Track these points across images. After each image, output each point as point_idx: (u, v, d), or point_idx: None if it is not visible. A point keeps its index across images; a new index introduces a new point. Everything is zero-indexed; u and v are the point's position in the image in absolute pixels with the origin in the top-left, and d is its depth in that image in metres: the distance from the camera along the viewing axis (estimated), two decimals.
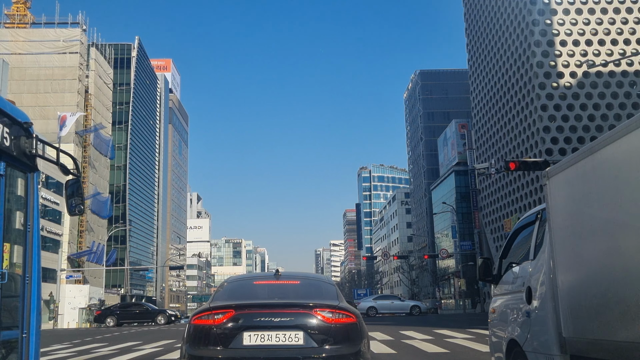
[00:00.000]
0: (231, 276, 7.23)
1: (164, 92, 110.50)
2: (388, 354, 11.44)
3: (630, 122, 3.53)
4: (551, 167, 4.81)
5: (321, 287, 6.19)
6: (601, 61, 61.87)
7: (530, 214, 5.67)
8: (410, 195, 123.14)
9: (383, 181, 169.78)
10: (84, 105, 61.17)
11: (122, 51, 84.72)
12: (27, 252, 4.33)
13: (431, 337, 15.56)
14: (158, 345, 15.82)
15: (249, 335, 5.14)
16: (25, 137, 4.29)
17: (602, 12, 67.46)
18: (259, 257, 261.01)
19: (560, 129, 64.14)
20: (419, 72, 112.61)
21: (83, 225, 61.15)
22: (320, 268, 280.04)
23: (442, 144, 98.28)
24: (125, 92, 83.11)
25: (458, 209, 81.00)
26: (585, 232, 4.12)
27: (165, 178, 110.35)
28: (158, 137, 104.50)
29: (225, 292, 6.05)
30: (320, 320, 5.23)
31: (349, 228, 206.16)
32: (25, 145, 4.30)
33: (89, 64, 63.96)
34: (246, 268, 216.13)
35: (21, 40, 59.70)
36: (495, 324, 6.20)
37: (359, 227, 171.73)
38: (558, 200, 4.62)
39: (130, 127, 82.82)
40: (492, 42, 78.04)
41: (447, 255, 65.75)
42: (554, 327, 4.57)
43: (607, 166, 3.81)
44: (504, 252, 6.19)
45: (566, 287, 4.41)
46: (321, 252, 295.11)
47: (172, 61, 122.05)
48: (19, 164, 4.26)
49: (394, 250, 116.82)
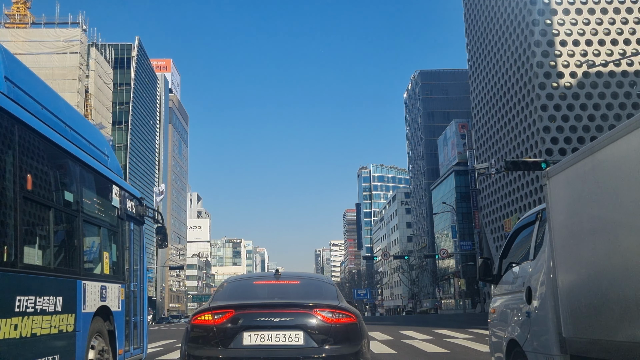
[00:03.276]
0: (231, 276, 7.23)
1: (164, 92, 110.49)
2: (388, 354, 11.44)
3: (630, 122, 3.53)
4: (551, 167, 4.81)
5: (321, 287, 6.19)
6: (601, 61, 61.87)
7: (530, 214, 5.67)
8: (410, 195, 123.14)
9: (383, 181, 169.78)
10: (84, 105, 61.16)
11: (122, 51, 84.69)
12: (140, 278, 8.12)
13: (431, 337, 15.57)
14: (158, 345, 15.82)
15: (249, 335, 5.14)
16: (140, 207, 7.98)
17: (602, 12, 67.45)
18: (259, 257, 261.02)
19: (560, 129, 64.13)
20: (419, 72, 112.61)
21: None
22: (320, 268, 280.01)
23: (442, 144, 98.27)
24: (125, 92, 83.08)
25: (458, 209, 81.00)
26: (585, 232, 4.11)
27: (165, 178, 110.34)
28: (158, 137, 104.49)
29: (225, 292, 6.06)
30: (320, 320, 5.23)
31: (349, 228, 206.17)
32: (140, 211, 8.00)
33: (89, 64, 63.94)
34: (246, 268, 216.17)
35: (21, 40, 59.68)
36: (495, 324, 6.20)
37: (359, 227, 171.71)
38: (558, 200, 4.62)
39: (130, 127, 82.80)
40: (492, 42, 78.03)
41: (447, 255, 65.70)
42: (554, 327, 4.57)
43: (607, 166, 3.81)
44: (504, 252, 6.18)
45: (566, 287, 4.41)
46: (321, 252, 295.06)
47: (172, 61, 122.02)
48: (137, 222, 7.94)
49: (394, 250, 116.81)
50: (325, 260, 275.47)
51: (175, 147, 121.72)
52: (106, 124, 67.44)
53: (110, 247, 7.13)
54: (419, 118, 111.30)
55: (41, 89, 5.81)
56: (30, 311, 4.61)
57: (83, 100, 61.15)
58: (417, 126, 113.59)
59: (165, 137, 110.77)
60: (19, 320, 4.41)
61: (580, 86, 65.47)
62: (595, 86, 65.50)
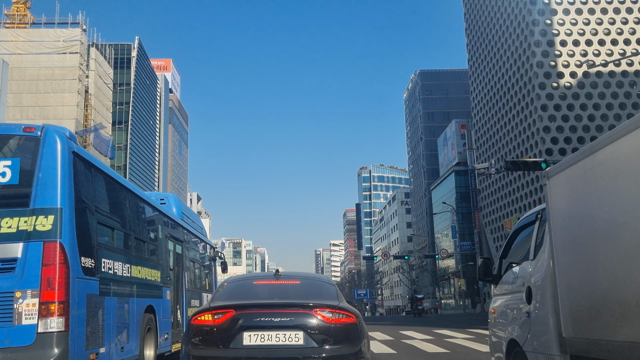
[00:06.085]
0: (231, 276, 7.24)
1: (164, 92, 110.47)
2: (388, 354, 11.44)
3: (630, 122, 3.53)
4: (551, 167, 4.81)
5: (321, 287, 6.19)
6: (601, 61, 61.86)
7: (530, 214, 5.67)
8: (410, 195, 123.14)
9: (383, 181, 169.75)
10: (84, 106, 61.11)
11: (122, 51, 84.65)
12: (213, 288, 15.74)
13: (431, 337, 15.57)
14: None
15: (249, 335, 5.14)
16: (213, 250, 15.91)
17: (602, 12, 67.44)
18: (259, 257, 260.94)
19: (560, 129, 64.12)
20: (419, 72, 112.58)
21: None
22: (320, 268, 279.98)
23: (442, 144, 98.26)
24: (125, 92, 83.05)
25: (458, 209, 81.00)
26: (585, 232, 4.12)
27: (165, 178, 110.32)
28: (158, 137, 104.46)
29: (225, 292, 6.06)
30: (320, 320, 5.23)
31: (349, 228, 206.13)
32: (214, 253, 16.07)
33: (89, 64, 63.87)
34: (246, 268, 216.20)
35: (21, 41, 59.62)
36: (495, 324, 6.20)
37: (359, 227, 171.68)
38: (558, 200, 4.62)
39: (130, 127, 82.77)
40: (492, 42, 78.04)
41: (447, 255, 65.73)
42: (554, 327, 4.58)
43: (607, 166, 3.81)
44: (504, 252, 6.19)
45: (566, 287, 4.41)
46: (321, 252, 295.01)
47: (172, 61, 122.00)
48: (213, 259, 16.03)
49: (394, 250, 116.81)
50: (325, 260, 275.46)
51: (175, 147, 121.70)
52: (106, 124, 67.37)
53: (209, 273, 15.12)
54: (419, 118, 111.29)
55: (188, 212, 13.53)
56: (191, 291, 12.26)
57: (83, 100, 61.09)
58: (417, 126, 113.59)
59: (165, 137, 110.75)
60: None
61: (580, 86, 65.45)
62: (595, 86, 65.49)
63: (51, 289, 5.33)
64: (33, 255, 5.42)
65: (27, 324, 5.26)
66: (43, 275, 5.36)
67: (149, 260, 8.59)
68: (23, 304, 5.27)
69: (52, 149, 5.73)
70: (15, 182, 5.66)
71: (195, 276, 12.56)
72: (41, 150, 5.72)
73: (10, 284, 5.36)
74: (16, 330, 5.25)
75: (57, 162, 5.71)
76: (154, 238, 9.08)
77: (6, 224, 5.50)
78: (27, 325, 5.26)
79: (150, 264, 8.61)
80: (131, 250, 7.71)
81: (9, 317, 5.29)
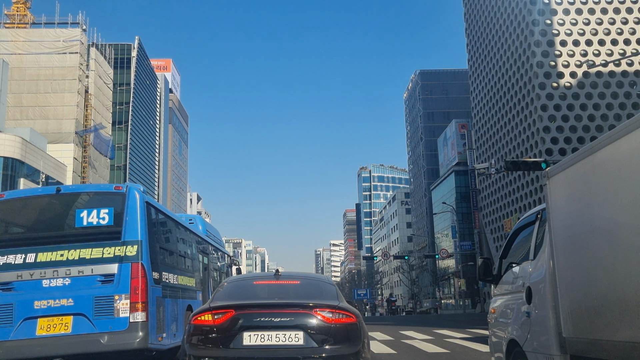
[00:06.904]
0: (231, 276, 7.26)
1: (164, 92, 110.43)
2: (388, 354, 11.44)
3: (630, 122, 3.53)
4: (551, 167, 4.81)
5: (321, 287, 6.18)
6: (601, 61, 61.86)
7: (530, 214, 5.67)
8: (410, 195, 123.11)
9: (383, 181, 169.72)
10: (84, 106, 61.10)
11: (122, 51, 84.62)
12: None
13: (431, 337, 15.56)
14: None
15: (249, 335, 5.14)
16: (231, 259, 18.27)
17: (602, 12, 67.43)
18: (259, 257, 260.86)
19: (560, 129, 64.11)
20: (419, 72, 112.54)
21: None
22: (320, 268, 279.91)
23: (442, 144, 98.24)
24: (125, 92, 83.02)
25: (458, 209, 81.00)
26: (585, 232, 4.11)
27: (165, 178, 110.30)
28: (158, 137, 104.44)
29: (225, 292, 6.05)
30: (320, 320, 5.22)
31: (349, 228, 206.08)
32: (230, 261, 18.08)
33: (89, 64, 63.86)
34: (246, 268, 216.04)
35: (21, 41, 59.60)
36: (495, 324, 6.20)
37: (359, 227, 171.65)
38: (558, 200, 4.62)
39: (130, 127, 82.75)
40: (492, 42, 78.02)
41: (447, 255, 65.71)
42: (554, 327, 4.57)
43: (607, 166, 3.81)
44: (504, 252, 6.19)
45: (566, 287, 4.41)
46: (321, 252, 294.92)
47: (172, 61, 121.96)
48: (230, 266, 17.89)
49: (394, 250, 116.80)
50: (325, 260, 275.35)
51: (175, 147, 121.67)
52: (106, 124, 67.37)
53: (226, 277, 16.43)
54: (419, 118, 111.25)
55: (210, 228, 16.22)
56: None
57: (83, 100, 61.07)
58: (417, 126, 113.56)
59: (165, 137, 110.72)
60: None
61: (580, 86, 65.44)
62: (595, 86, 65.48)
63: (136, 294, 7.71)
64: (125, 271, 7.80)
65: (123, 316, 7.61)
66: (132, 285, 7.73)
67: (188, 270, 11.24)
68: (120, 303, 7.65)
69: (133, 200, 8.18)
70: (111, 223, 8.09)
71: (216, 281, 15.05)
72: (126, 202, 8.13)
73: (111, 291, 7.72)
74: (116, 320, 7.59)
75: (137, 209, 8.11)
76: (190, 253, 11.78)
77: (107, 251, 7.91)
78: (123, 317, 7.61)
79: (189, 274, 11.18)
80: (178, 264, 10.41)
81: (111, 311, 7.64)
